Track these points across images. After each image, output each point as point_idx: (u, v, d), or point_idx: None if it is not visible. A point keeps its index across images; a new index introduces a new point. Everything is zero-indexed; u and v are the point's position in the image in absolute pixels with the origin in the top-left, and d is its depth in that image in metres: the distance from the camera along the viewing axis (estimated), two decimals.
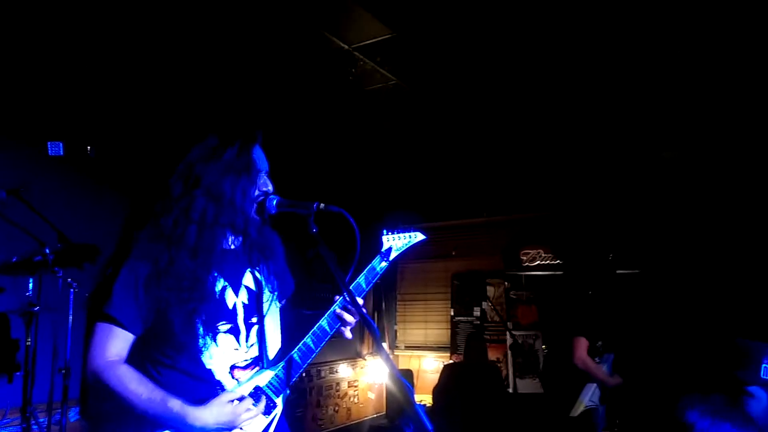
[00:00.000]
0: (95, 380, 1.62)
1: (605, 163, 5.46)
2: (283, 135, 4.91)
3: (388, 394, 6.56)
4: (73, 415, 3.99)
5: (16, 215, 3.37)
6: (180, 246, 1.67)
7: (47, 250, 3.15)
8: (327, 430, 5.95)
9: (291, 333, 1.93)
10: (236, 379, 1.74)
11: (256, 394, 1.73)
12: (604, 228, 5.44)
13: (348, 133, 5.09)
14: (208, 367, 1.70)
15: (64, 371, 3.45)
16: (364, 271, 1.91)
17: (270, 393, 1.76)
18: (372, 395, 6.67)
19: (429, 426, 1.36)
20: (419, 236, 2.06)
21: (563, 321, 3.69)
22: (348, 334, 1.85)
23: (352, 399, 6.38)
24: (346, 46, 3.58)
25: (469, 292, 6.70)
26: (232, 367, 1.75)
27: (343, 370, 6.33)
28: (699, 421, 1.99)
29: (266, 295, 1.88)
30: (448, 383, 5.18)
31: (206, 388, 1.68)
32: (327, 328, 1.81)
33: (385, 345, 7.05)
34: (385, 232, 2.00)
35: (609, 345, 3.68)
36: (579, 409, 3.52)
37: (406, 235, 2.03)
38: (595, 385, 3.57)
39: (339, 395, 6.22)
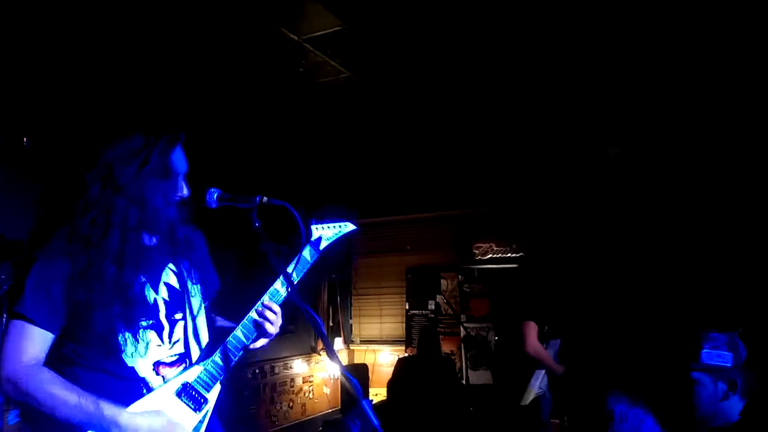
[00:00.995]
0: (12, 386, 1.52)
1: (554, 158, 5.58)
2: (231, 128, 4.81)
3: (343, 388, 6.55)
4: (12, 417, 3.82)
5: None
6: (101, 249, 1.61)
7: None
8: (281, 427, 5.89)
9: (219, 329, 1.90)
10: (161, 376, 1.69)
11: (185, 390, 1.69)
12: (552, 221, 5.57)
13: (299, 127, 5.02)
14: (130, 365, 1.64)
15: None
16: (293, 262, 1.89)
17: (200, 388, 1.72)
18: (327, 390, 6.65)
19: (375, 421, 1.36)
20: (350, 226, 2.05)
21: (513, 308, 3.74)
22: (272, 329, 1.82)
23: (306, 394, 6.34)
24: (296, 38, 3.52)
25: (423, 285, 6.75)
26: (157, 364, 1.69)
27: (298, 366, 6.27)
28: (617, 407, 2.09)
29: (190, 290, 1.84)
30: (402, 376, 5.21)
31: (129, 387, 1.63)
32: (257, 318, 1.79)
33: (339, 340, 7.02)
34: (314, 222, 1.97)
35: (555, 330, 3.74)
36: (529, 396, 3.58)
37: (337, 225, 2.02)
38: (543, 371, 3.62)
39: (293, 391, 6.16)
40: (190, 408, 1.69)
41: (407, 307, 6.81)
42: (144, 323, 1.68)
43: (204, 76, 4.00)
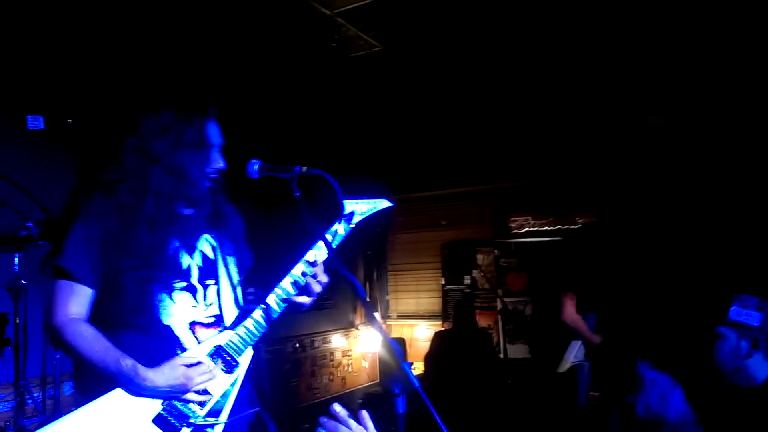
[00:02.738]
0: (55, 337, 1.65)
1: (592, 128, 5.45)
2: (267, 103, 4.86)
3: (382, 362, 6.64)
4: (68, 389, 4.01)
5: None
6: (136, 215, 1.70)
7: (30, 225, 3.13)
8: (322, 399, 6.03)
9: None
10: (196, 337, 1.76)
11: (217, 352, 1.75)
12: (591, 192, 5.47)
13: (333, 102, 5.04)
14: (165, 323, 1.72)
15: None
16: (327, 232, 1.90)
17: (232, 351, 1.77)
18: (366, 364, 6.75)
19: (416, 383, 1.39)
20: (384, 203, 2.04)
21: (552, 281, 3.72)
22: (306, 300, 1.84)
23: (346, 368, 6.45)
24: (329, 12, 3.52)
25: (459, 260, 6.74)
26: (192, 324, 1.77)
27: (337, 340, 6.38)
28: (648, 373, 2.07)
29: (224, 260, 1.90)
30: (439, 350, 5.25)
31: (164, 344, 1.70)
32: (291, 290, 1.81)
33: (377, 315, 7.11)
34: (348, 197, 1.97)
35: (590, 304, 3.70)
36: (566, 365, 3.57)
37: (372, 201, 2.02)
38: (579, 342, 3.60)
39: (333, 364, 6.28)
40: (222, 369, 1.75)
41: (443, 282, 6.82)
42: (177, 285, 1.76)
43: (240, 53, 4.04)
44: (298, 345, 5.83)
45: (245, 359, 1.80)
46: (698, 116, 4.96)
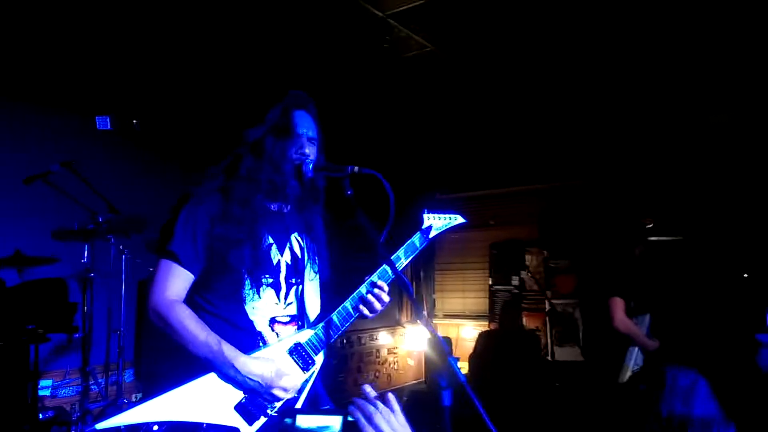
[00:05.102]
0: (156, 315, 1.70)
1: (651, 127, 5.29)
2: (320, 104, 4.95)
3: (428, 361, 6.66)
4: (128, 375, 4.22)
5: (66, 186, 3.55)
6: (230, 197, 1.78)
7: (100, 219, 3.32)
8: None
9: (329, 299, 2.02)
10: (276, 333, 1.83)
11: (296, 349, 1.82)
12: (644, 195, 5.31)
13: (385, 102, 5.09)
14: (250, 317, 1.79)
15: (119, 333, 3.64)
16: (404, 246, 1.99)
17: (309, 350, 1.83)
18: (411, 362, 6.79)
19: (461, 377, 1.42)
20: (459, 219, 2.15)
21: (599, 284, 3.64)
22: (377, 306, 1.88)
23: (392, 365, 6.50)
24: (381, 14, 3.57)
25: (507, 261, 6.67)
26: (272, 320, 1.83)
27: (383, 338, 6.44)
28: (669, 373, 2.05)
29: (307, 261, 1.95)
30: (484, 350, 5.23)
31: (247, 338, 1.77)
32: (365, 295, 1.86)
33: (424, 313, 7.12)
34: (426, 210, 2.07)
35: (641, 306, 3.60)
36: (626, 374, 3.47)
37: (447, 216, 2.12)
38: (636, 348, 3.51)
39: (379, 361, 6.34)
40: (299, 367, 1.81)
41: (491, 282, 6.78)
42: (265, 280, 1.82)
43: (293, 56, 4.14)
44: (345, 341, 5.92)
45: (320, 359, 1.87)
46: (763, 114, 4.74)
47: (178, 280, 1.74)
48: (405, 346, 6.73)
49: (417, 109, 5.28)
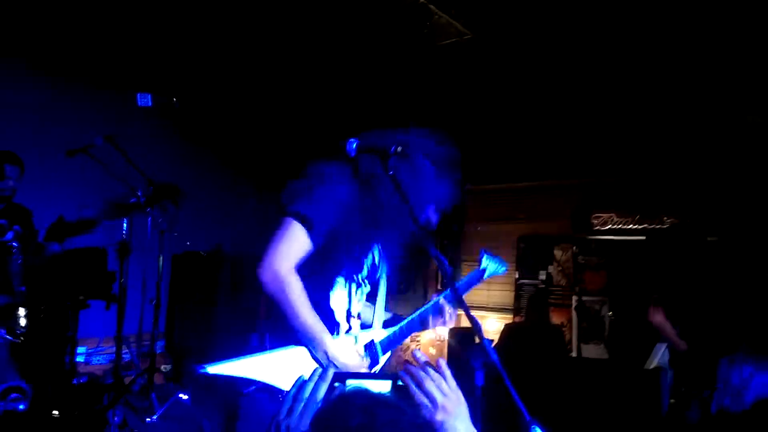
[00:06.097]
0: (273, 282, 1.62)
1: (687, 125, 5.19)
2: (357, 92, 4.97)
3: (450, 350, 6.67)
4: (159, 346, 4.33)
5: (106, 161, 3.65)
6: (363, 194, 1.78)
7: (140, 193, 3.40)
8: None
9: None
10: (350, 326, 1.89)
11: (370, 346, 1.88)
12: (678, 193, 5.21)
13: (417, 91, 5.08)
14: (332, 306, 1.84)
15: (153, 302, 3.73)
16: (465, 278, 2.31)
17: (378, 349, 1.90)
18: (433, 351, 6.81)
19: (494, 357, 1.44)
20: (504, 268, 2.48)
21: (635, 282, 3.62)
22: (439, 323, 2.05)
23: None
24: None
25: (535, 255, 6.62)
26: (348, 314, 1.89)
27: None
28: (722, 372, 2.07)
29: (384, 268, 2.04)
30: (508, 343, 5.21)
31: (328, 326, 1.77)
32: (431, 311, 2.02)
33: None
34: (484, 252, 2.36)
35: (680, 311, 3.57)
36: (652, 363, 3.47)
37: (498, 262, 2.41)
38: (665, 346, 3.49)
39: (402, 349, 6.38)
40: (370, 362, 1.87)
41: (517, 276, 6.74)
42: (354, 276, 1.89)
43: (330, 42, 4.16)
44: None
45: (384, 359, 1.94)
46: None
47: (300, 249, 1.65)
48: (427, 335, 6.76)
49: (451, 97, 5.26)
